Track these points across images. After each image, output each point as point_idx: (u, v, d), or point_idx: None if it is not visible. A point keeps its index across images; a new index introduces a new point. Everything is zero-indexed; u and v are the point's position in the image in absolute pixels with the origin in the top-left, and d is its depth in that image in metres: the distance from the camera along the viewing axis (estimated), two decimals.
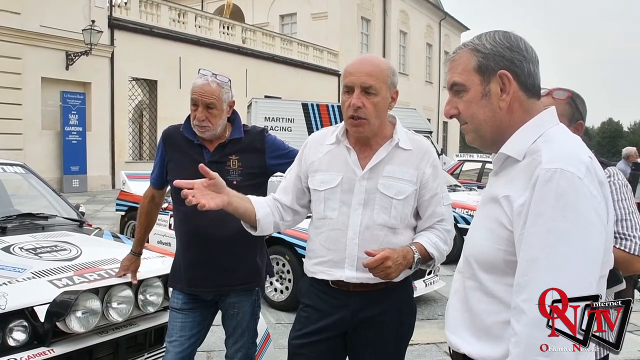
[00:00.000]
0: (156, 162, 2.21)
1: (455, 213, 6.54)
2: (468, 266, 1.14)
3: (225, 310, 2.15)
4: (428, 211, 1.69)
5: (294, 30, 23.63)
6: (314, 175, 1.73)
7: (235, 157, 2.06)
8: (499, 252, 1.05)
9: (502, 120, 1.11)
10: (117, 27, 14.45)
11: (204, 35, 17.10)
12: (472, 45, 1.12)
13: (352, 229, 1.64)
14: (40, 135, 12.84)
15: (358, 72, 1.60)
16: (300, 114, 13.45)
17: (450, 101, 1.16)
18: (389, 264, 1.51)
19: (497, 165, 1.13)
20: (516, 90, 1.09)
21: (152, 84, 15.79)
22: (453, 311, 1.19)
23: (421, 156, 1.68)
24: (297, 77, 20.38)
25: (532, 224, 0.97)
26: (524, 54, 1.09)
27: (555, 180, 0.96)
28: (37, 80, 12.64)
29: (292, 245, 4.52)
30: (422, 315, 4.62)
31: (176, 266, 2.16)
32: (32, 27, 12.31)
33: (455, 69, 1.14)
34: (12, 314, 2.09)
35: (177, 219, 2.16)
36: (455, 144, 31.49)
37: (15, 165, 3.55)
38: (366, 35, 25.17)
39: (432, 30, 30.44)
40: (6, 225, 2.93)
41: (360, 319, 1.68)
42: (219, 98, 2.01)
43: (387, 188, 1.64)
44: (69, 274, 2.41)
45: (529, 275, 0.97)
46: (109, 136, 14.49)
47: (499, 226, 1.05)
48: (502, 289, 1.05)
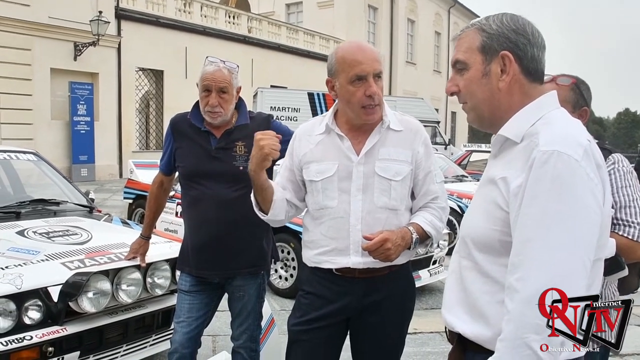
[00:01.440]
0: (165, 149, 2.27)
1: (462, 203, 6.55)
2: (464, 246, 1.16)
3: (231, 293, 2.21)
4: (422, 189, 1.70)
5: (299, 19, 23.54)
6: (308, 167, 1.71)
7: (242, 144, 2.10)
8: (495, 232, 1.06)
9: (500, 102, 1.11)
10: (123, 17, 14.49)
11: (210, 24, 17.11)
12: (479, 25, 1.13)
13: (354, 215, 1.63)
14: (50, 125, 12.99)
15: (368, 60, 1.58)
16: (306, 103, 13.48)
17: (452, 78, 1.18)
18: (389, 246, 1.54)
19: (496, 148, 1.15)
20: (517, 73, 1.09)
21: (159, 74, 15.86)
22: (449, 291, 1.20)
23: (413, 136, 1.69)
24: (303, 66, 20.34)
25: (528, 205, 0.98)
26: (529, 38, 1.09)
27: (552, 163, 0.97)
28: (46, 71, 12.75)
29: (296, 233, 4.58)
30: (427, 304, 4.66)
31: (184, 250, 2.22)
32: (41, 19, 12.39)
33: (460, 47, 1.15)
34: (27, 294, 2.19)
35: (185, 203, 2.22)
36: (464, 134, 31.27)
37: (27, 153, 3.66)
38: (373, 24, 25.00)
39: (440, 18, 29.99)
40: (20, 211, 3.04)
41: (364, 304, 1.70)
42: (230, 83, 2.07)
43: (384, 170, 1.65)
44: (81, 257, 2.51)
45: (523, 254, 0.98)
46: (117, 126, 14.61)
47: (495, 207, 1.06)
48: (497, 270, 1.07)
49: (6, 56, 11.96)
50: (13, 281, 2.19)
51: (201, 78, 2.08)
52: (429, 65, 28.85)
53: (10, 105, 12.09)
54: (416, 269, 4.51)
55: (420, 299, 4.73)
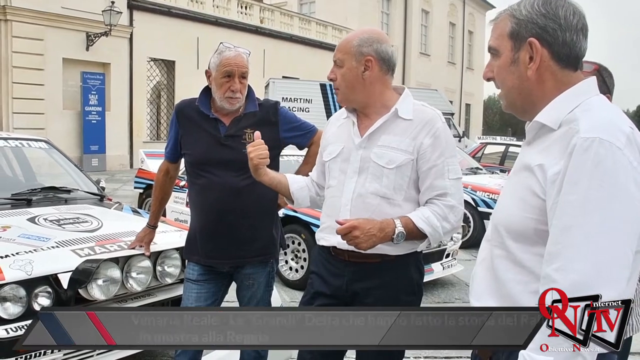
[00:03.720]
0: (170, 136, 2.24)
1: (476, 196, 6.45)
2: (497, 234, 1.13)
3: (240, 282, 2.20)
4: (426, 183, 1.64)
5: (312, 9, 23.39)
6: (326, 148, 1.82)
7: (251, 131, 2.05)
8: (530, 220, 1.04)
9: (530, 89, 1.09)
10: (135, 7, 14.50)
11: (222, 15, 17.06)
12: (510, 11, 1.11)
13: (345, 195, 1.68)
14: (62, 115, 13.08)
15: (336, 49, 1.72)
16: (319, 94, 13.39)
17: (489, 64, 1.17)
18: (356, 234, 1.50)
19: (531, 134, 1.12)
20: (547, 59, 1.07)
21: (170, 65, 15.88)
22: (479, 279, 1.19)
23: (421, 126, 1.64)
24: (315, 57, 20.24)
25: (567, 192, 0.96)
26: (560, 22, 1.05)
27: (593, 149, 0.94)
28: (58, 61, 12.82)
29: (308, 224, 4.55)
30: (439, 298, 4.60)
31: (192, 238, 2.20)
32: (53, 9, 12.44)
33: (493, 33, 1.14)
34: (37, 280, 2.19)
35: (193, 192, 2.19)
36: (478, 126, 31.02)
37: (39, 141, 3.66)
38: (387, 15, 24.77)
39: (455, 8, 29.55)
40: (31, 198, 3.04)
41: (354, 290, 1.69)
42: (248, 69, 2.08)
43: (379, 157, 1.64)
44: (91, 244, 2.50)
45: (562, 243, 0.96)
46: (128, 116, 14.67)
47: (531, 195, 1.04)
48: (531, 259, 1.05)
49: (19, 46, 12.05)
50: (23, 267, 2.18)
51: (221, 63, 2.03)
52: (443, 57, 28.52)
53: (22, 95, 12.19)
54: (428, 262, 4.45)
55: (433, 292, 4.68)
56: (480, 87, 32.45)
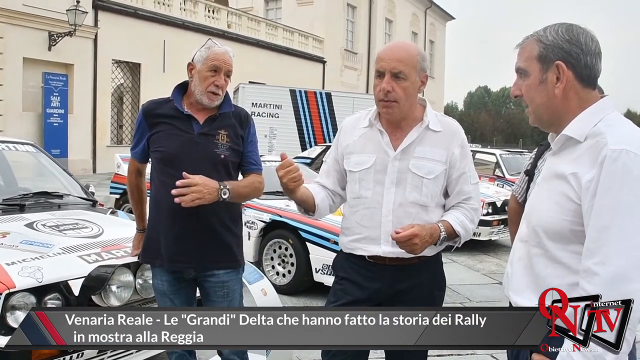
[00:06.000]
0: (137, 137, 2.13)
1: None
2: (535, 235, 1.27)
3: (213, 292, 2.05)
4: (456, 189, 1.78)
5: (278, 15, 23.42)
6: (349, 157, 1.81)
7: (224, 132, 2.04)
8: (566, 222, 1.18)
9: (557, 106, 1.24)
10: (101, 8, 14.12)
11: (189, 18, 16.85)
12: (537, 36, 1.26)
13: (386, 206, 1.73)
14: (21, 117, 12.54)
15: (389, 58, 1.69)
16: (288, 100, 13.37)
17: (516, 83, 1.31)
18: (416, 241, 1.63)
19: (557, 146, 1.27)
20: (571, 79, 1.22)
21: (135, 67, 15.52)
22: (517, 276, 1.31)
23: (450, 137, 1.78)
24: (282, 63, 20.26)
25: (602, 196, 1.10)
26: (582, 47, 1.21)
27: (622, 159, 1.10)
28: (18, 61, 12.31)
29: (295, 229, 4.58)
30: None
31: (152, 241, 2.06)
32: (14, 6, 11.95)
33: (521, 55, 1.28)
34: (48, 287, 2.14)
35: (161, 189, 2.01)
36: None
37: (26, 144, 3.54)
38: (352, 22, 25.11)
39: (417, 18, 30.49)
40: (24, 203, 2.94)
41: (395, 290, 1.77)
42: (232, 68, 2.10)
43: (418, 168, 1.73)
44: (97, 250, 2.46)
45: (601, 241, 1.10)
46: (91, 119, 14.23)
47: (566, 200, 1.18)
48: (567, 256, 1.19)
49: None
50: (33, 274, 2.12)
51: (209, 57, 2.04)
52: None
53: None
54: None
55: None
56: (441, 95, 33.37)
